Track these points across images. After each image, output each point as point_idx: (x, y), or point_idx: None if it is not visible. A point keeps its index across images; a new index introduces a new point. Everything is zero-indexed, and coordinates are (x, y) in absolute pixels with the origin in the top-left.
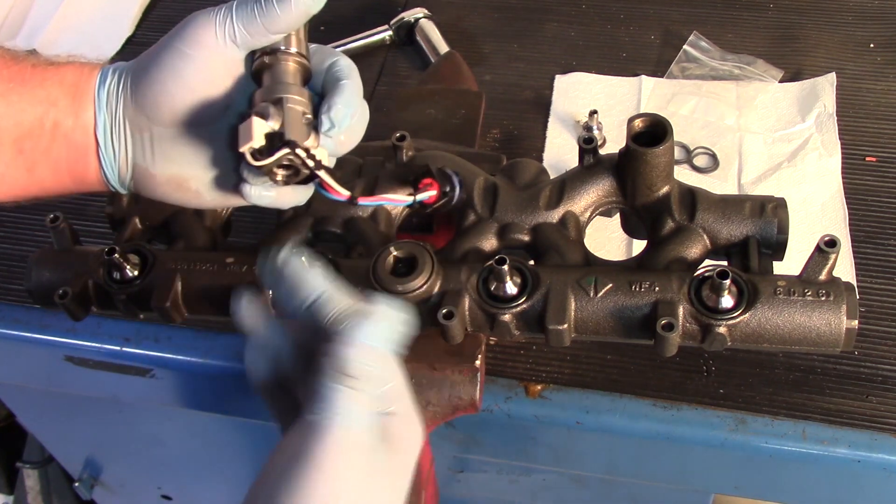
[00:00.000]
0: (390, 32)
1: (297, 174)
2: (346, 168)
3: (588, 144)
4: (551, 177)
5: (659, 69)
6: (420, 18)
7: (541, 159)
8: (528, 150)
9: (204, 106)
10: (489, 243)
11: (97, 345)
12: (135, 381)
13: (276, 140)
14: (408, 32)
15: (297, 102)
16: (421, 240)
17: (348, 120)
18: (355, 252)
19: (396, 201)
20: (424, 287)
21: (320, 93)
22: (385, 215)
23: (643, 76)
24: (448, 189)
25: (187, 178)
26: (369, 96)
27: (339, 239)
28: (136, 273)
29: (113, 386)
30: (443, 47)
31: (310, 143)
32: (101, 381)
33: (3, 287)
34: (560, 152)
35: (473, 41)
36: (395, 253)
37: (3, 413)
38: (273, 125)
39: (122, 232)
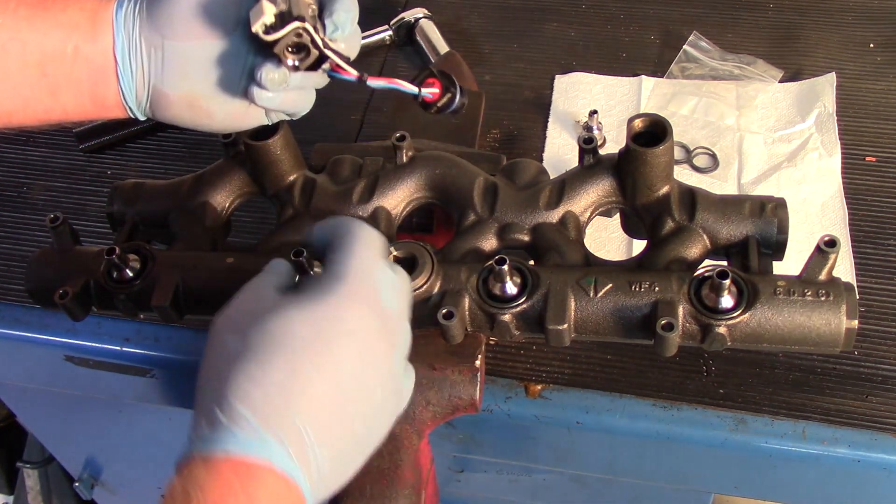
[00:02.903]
0: (390, 32)
1: (307, 56)
2: (346, 168)
3: (588, 144)
4: (551, 177)
5: (659, 69)
6: (420, 18)
7: (541, 159)
8: (528, 150)
9: (215, 21)
10: (489, 243)
11: (97, 345)
12: (135, 381)
13: (286, 17)
14: (408, 32)
15: None
16: (421, 240)
17: (349, 25)
18: None
19: (404, 87)
20: (424, 287)
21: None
22: (385, 215)
23: (643, 76)
24: (451, 88)
25: (198, 95)
26: (369, 96)
27: None
28: (136, 273)
29: (113, 386)
30: (443, 47)
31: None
32: (101, 381)
33: (3, 287)
34: (560, 152)
35: (473, 41)
36: (395, 253)
37: (3, 413)
38: (282, 8)
39: (122, 232)
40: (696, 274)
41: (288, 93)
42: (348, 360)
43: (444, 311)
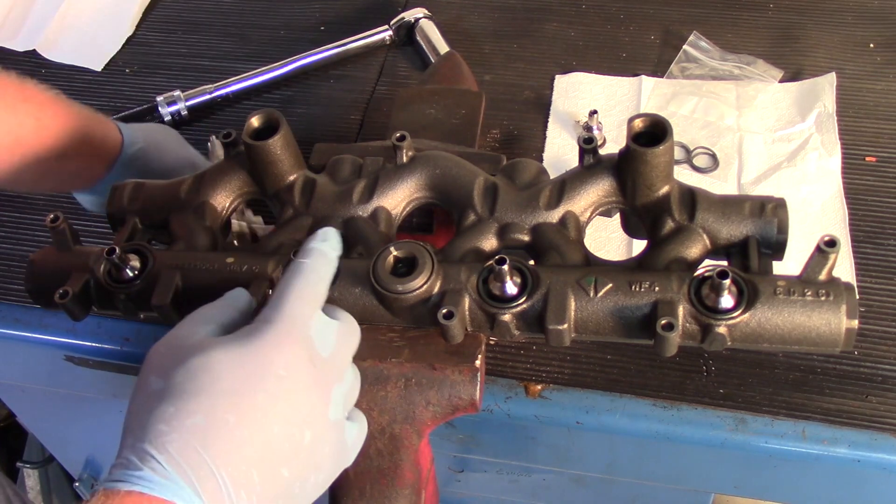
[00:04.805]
0: (390, 32)
1: None
2: (346, 168)
3: (588, 144)
4: (551, 177)
5: (659, 69)
6: (420, 18)
7: (541, 159)
8: (528, 150)
9: None
10: (489, 243)
11: (97, 345)
12: (135, 381)
13: None
14: (408, 32)
15: None
16: (421, 240)
17: None
18: (355, 252)
19: None
20: (424, 287)
21: None
22: (385, 215)
23: (643, 76)
24: None
25: None
26: (369, 96)
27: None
28: (136, 273)
29: (113, 386)
30: (443, 47)
31: None
32: (101, 381)
33: (3, 287)
34: (560, 152)
35: (473, 41)
36: (395, 253)
37: (3, 413)
38: None
39: (121, 232)
40: (696, 274)
41: None
42: (272, 405)
43: (444, 311)
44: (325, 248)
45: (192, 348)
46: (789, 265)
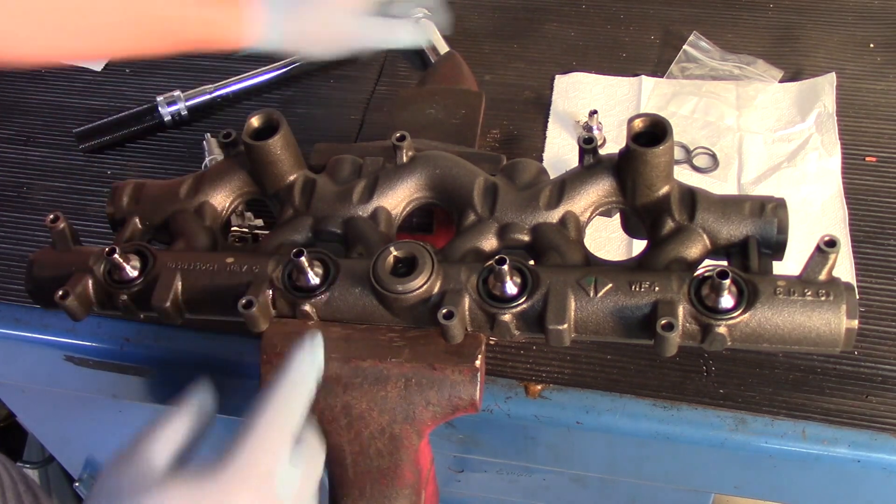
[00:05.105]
0: None
1: None
2: (346, 168)
3: (588, 144)
4: (551, 177)
5: (659, 69)
6: (420, 18)
7: (541, 159)
8: (528, 150)
9: None
10: (489, 243)
11: (97, 345)
12: (135, 381)
13: None
14: None
15: None
16: (421, 240)
17: None
18: (355, 252)
19: None
20: (424, 287)
21: None
22: (385, 215)
23: (643, 76)
24: None
25: None
26: (369, 96)
27: (339, 239)
28: (136, 273)
29: (113, 386)
30: (443, 47)
31: None
32: (101, 381)
33: (3, 287)
34: (560, 152)
35: (473, 41)
36: (395, 253)
37: (3, 413)
38: None
39: (122, 232)
40: (696, 274)
41: None
42: None
43: (444, 311)
44: (301, 373)
45: (146, 486)
46: (789, 265)
